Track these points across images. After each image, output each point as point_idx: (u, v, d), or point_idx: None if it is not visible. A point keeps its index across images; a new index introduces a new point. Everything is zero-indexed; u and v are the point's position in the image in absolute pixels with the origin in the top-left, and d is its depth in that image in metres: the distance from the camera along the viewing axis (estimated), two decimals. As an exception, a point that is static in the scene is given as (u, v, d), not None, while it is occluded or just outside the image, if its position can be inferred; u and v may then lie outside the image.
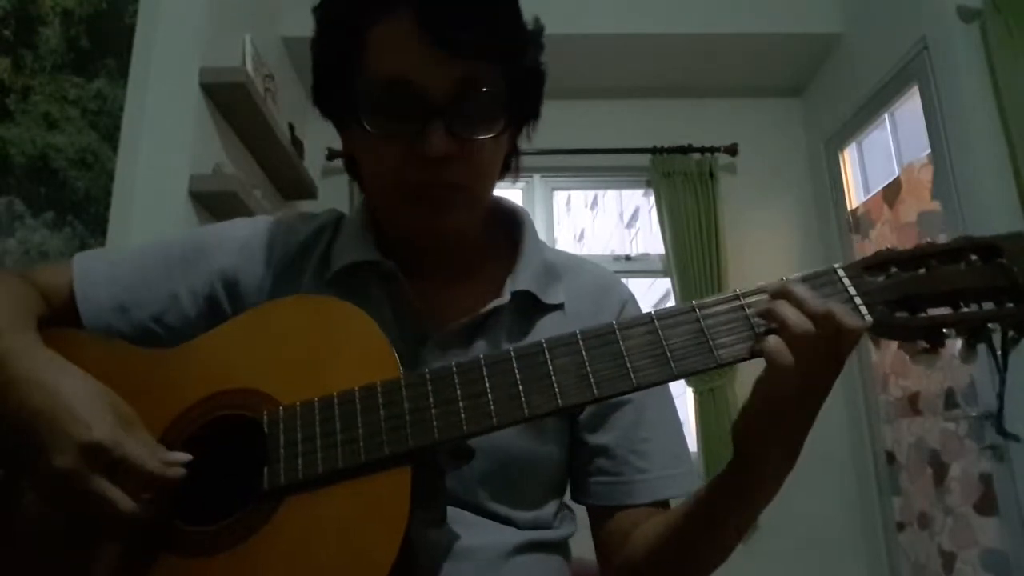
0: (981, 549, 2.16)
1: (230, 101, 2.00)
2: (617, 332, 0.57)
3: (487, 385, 0.57)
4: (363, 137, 0.67)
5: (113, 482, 0.55)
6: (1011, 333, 0.54)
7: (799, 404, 0.55)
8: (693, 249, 2.91)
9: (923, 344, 0.56)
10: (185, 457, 0.59)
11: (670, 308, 0.59)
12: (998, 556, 2.09)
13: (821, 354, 0.53)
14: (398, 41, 0.62)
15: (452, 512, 0.65)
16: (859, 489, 2.81)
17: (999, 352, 0.55)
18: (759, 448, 0.58)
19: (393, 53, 0.63)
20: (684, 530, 0.66)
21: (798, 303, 0.54)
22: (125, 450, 0.56)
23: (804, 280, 0.57)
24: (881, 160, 2.84)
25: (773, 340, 0.54)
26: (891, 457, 2.62)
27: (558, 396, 0.56)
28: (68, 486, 0.55)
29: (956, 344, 0.56)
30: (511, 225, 0.82)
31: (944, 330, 0.55)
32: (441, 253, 0.76)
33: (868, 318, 0.55)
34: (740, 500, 0.62)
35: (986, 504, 2.13)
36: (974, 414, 2.16)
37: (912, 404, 2.49)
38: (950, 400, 2.30)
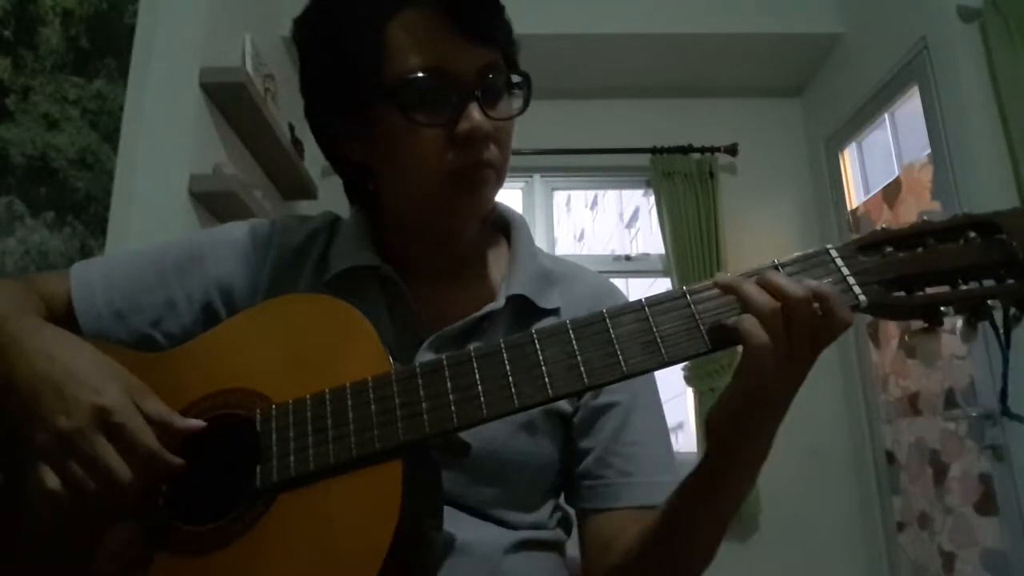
0: (981, 549, 2.16)
1: (230, 101, 2.00)
2: (607, 320, 0.57)
3: (477, 377, 0.57)
4: (399, 133, 0.67)
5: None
6: (1013, 310, 0.53)
7: (773, 394, 0.55)
8: (693, 249, 2.91)
9: (921, 323, 0.55)
10: (199, 423, 0.61)
11: (661, 294, 0.58)
12: (998, 556, 2.09)
13: (797, 337, 0.53)
14: (426, 32, 0.65)
15: (449, 511, 0.65)
16: (859, 489, 2.81)
17: (1001, 330, 0.54)
18: (733, 436, 0.58)
19: (424, 44, 0.65)
20: (662, 529, 0.65)
21: (770, 287, 0.53)
22: (129, 418, 0.57)
23: (796, 261, 0.56)
24: (881, 160, 2.84)
25: (749, 319, 0.53)
26: (891, 457, 2.62)
27: (548, 386, 0.56)
28: (70, 447, 0.56)
29: (957, 323, 0.55)
30: (507, 230, 0.83)
31: (942, 308, 0.54)
32: (440, 256, 0.77)
33: (862, 298, 0.54)
34: (714, 491, 0.62)
35: (986, 504, 2.13)
36: (974, 414, 2.16)
37: (912, 404, 2.49)
38: (950, 400, 2.30)
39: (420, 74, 0.65)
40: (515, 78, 0.70)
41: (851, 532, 2.78)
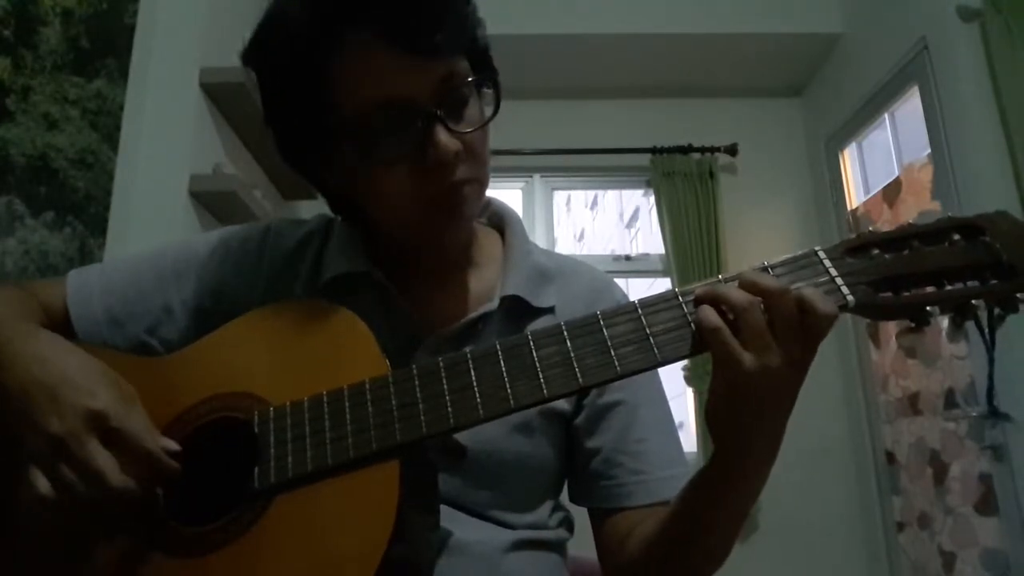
0: (981, 549, 2.16)
1: (230, 101, 2.00)
2: (601, 321, 0.57)
3: (473, 378, 0.57)
4: (364, 170, 0.65)
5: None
6: (997, 310, 0.55)
7: (763, 389, 0.53)
8: (693, 249, 2.91)
9: (908, 323, 0.56)
10: (175, 445, 0.60)
11: (654, 295, 0.58)
12: (998, 556, 2.09)
13: (782, 331, 0.53)
14: (370, 62, 0.61)
15: (447, 511, 0.65)
16: (859, 489, 2.81)
17: (986, 329, 0.55)
18: (731, 434, 0.57)
19: (371, 76, 0.61)
20: (673, 530, 0.65)
21: (747, 284, 0.54)
22: (124, 421, 0.57)
23: (785, 263, 0.57)
24: (881, 160, 2.84)
25: (704, 307, 0.54)
26: (891, 457, 2.62)
27: (543, 387, 0.56)
28: (64, 450, 0.55)
29: (944, 323, 0.56)
30: (502, 226, 0.82)
31: (928, 308, 0.55)
32: (433, 259, 0.76)
33: (850, 298, 0.55)
34: (723, 493, 0.61)
35: (986, 504, 2.13)
36: (974, 414, 2.16)
37: (912, 404, 2.49)
38: (950, 400, 2.30)
39: (373, 110, 0.61)
40: (480, 78, 0.66)
41: (851, 532, 2.78)
